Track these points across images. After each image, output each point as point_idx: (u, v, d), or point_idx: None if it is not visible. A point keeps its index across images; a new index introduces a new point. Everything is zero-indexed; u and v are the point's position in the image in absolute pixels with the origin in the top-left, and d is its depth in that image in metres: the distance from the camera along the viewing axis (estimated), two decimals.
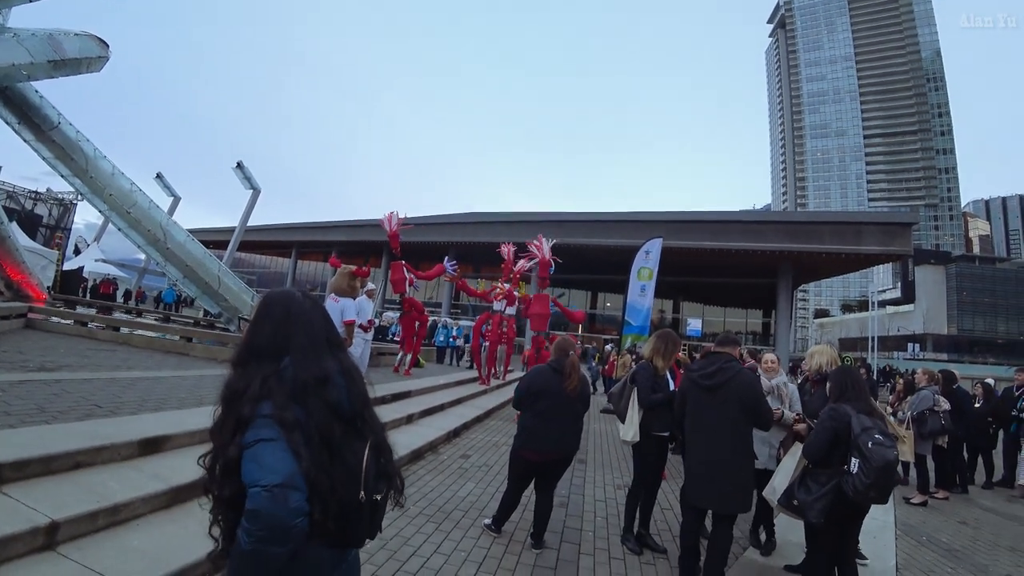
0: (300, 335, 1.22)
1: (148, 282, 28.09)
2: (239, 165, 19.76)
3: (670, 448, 3.94)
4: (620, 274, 13.80)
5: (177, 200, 24.94)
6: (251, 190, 20.54)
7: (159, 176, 24.41)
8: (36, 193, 22.03)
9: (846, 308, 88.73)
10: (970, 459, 7.12)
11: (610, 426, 8.56)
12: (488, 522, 3.58)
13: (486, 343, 10.88)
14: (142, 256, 16.36)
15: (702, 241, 25.12)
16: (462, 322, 21.51)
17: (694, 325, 32.55)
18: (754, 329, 35.75)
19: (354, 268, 6.63)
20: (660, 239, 12.28)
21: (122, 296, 22.82)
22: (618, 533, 3.75)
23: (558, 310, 10.97)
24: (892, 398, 7.43)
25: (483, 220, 33.02)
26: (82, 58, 7.88)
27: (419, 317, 9.90)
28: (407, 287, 9.66)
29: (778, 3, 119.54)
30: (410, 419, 6.23)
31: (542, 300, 10.11)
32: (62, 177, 8.24)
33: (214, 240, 33.10)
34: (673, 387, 3.71)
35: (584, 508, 4.34)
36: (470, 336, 13.29)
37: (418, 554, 3.06)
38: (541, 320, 10.10)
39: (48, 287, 11.86)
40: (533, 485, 3.53)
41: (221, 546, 1.14)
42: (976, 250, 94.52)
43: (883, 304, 63.91)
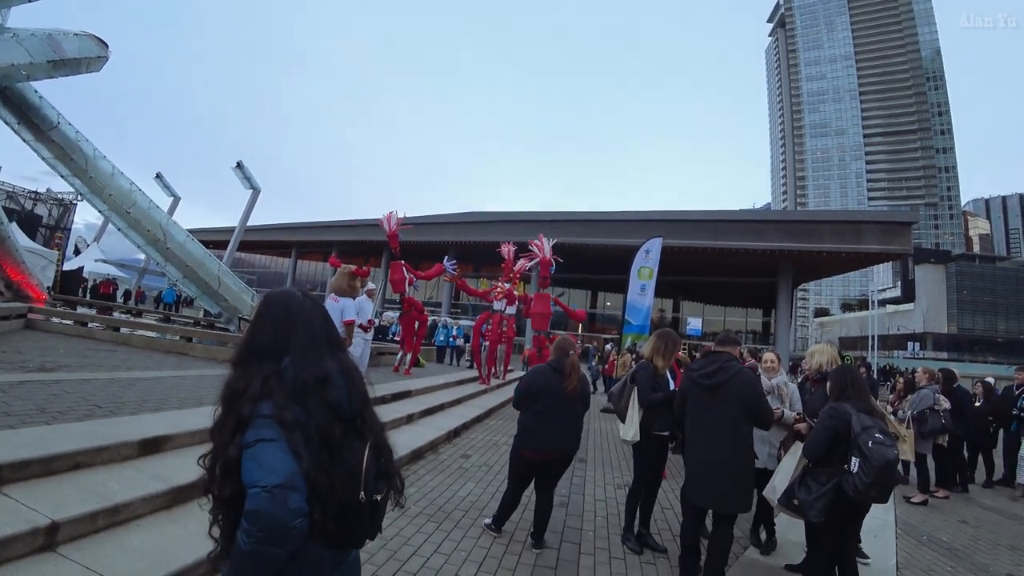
0: (300, 335, 1.22)
1: (148, 282, 28.10)
2: (239, 165, 19.77)
3: (670, 447, 3.94)
4: (620, 273, 13.80)
5: (177, 200, 24.96)
6: (251, 190, 20.55)
7: (159, 176, 24.42)
8: (36, 193, 22.03)
9: (846, 307, 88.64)
10: (970, 458, 7.13)
11: (610, 425, 8.56)
12: (488, 522, 3.58)
13: (486, 343, 10.89)
14: (142, 256, 16.34)
15: (702, 240, 25.12)
16: (462, 322, 21.53)
17: (694, 324, 32.53)
18: (754, 328, 35.77)
19: (354, 268, 6.64)
20: (660, 238, 12.26)
21: (122, 296, 22.83)
22: (618, 532, 3.75)
23: (560, 309, 10.96)
24: (892, 397, 7.43)
25: (483, 220, 33.00)
26: (81, 58, 7.87)
27: (419, 317, 9.90)
28: (407, 287, 9.65)
29: (778, 2, 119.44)
30: (410, 419, 6.22)
31: (543, 299, 10.10)
32: (61, 177, 8.23)
33: (214, 240, 33.11)
34: (673, 386, 3.72)
35: (584, 508, 4.34)
36: (470, 336, 13.30)
37: (418, 554, 3.06)
38: (543, 319, 10.09)
39: (48, 287, 11.85)
40: (533, 485, 3.53)
41: (220, 546, 1.14)
42: (976, 249, 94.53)
43: (883, 303, 63.89)
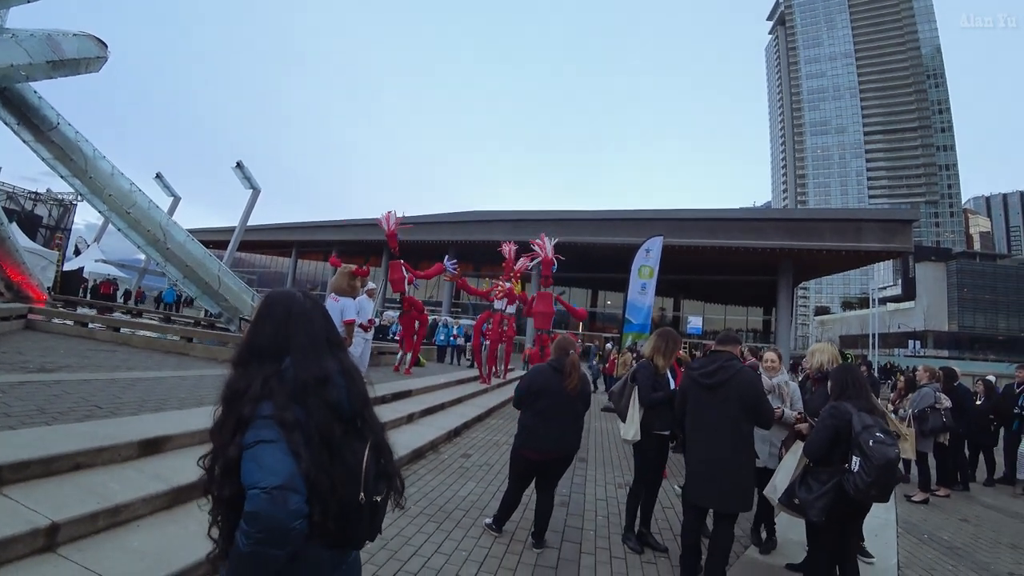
0: (301, 335, 1.22)
1: (148, 282, 28.13)
2: (239, 165, 19.80)
3: (671, 447, 3.94)
4: (621, 272, 13.78)
5: (177, 200, 24.99)
6: (251, 190, 20.58)
7: (159, 176, 24.45)
8: (36, 194, 22.03)
9: (847, 305, 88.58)
10: (971, 456, 7.12)
11: (611, 425, 8.56)
12: (489, 521, 3.58)
13: (487, 342, 10.89)
14: (142, 256, 16.35)
15: (703, 239, 25.11)
16: (462, 321, 21.53)
17: (695, 323, 32.49)
18: (755, 327, 35.76)
19: (354, 268, 6.64)
20: (660, 237, 12.22)
21: (122, 296, 22.85)
22: (619, 532, 3.75)
23: (562, 308, 10.96)
24: (893, 396, 7.42)
25: (483, 219, 32.98)
26: (81, 58, 7.87)
27: (419, 316, 9.89)
28: (406, 286, 9.64)
29: (777, 0, 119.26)
30: (411, 418, 6.22)
31: (546, 298, 10.10)
32: (61, 178, 8.23)
33: (214, 240, 33.13)
34: (674, 386, 3.72)
35: (585, 507, 4.34)
36: (471, 335, 13.30)
37: (419, 554, 3.06)
38: (545, 318, 10.09)
39: (48, 288, 11.86)
40: (534, 484, 3.53)
41: (220, 547, 1.14)
42: (977, 247, 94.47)
43: (884, 301, 63.93)
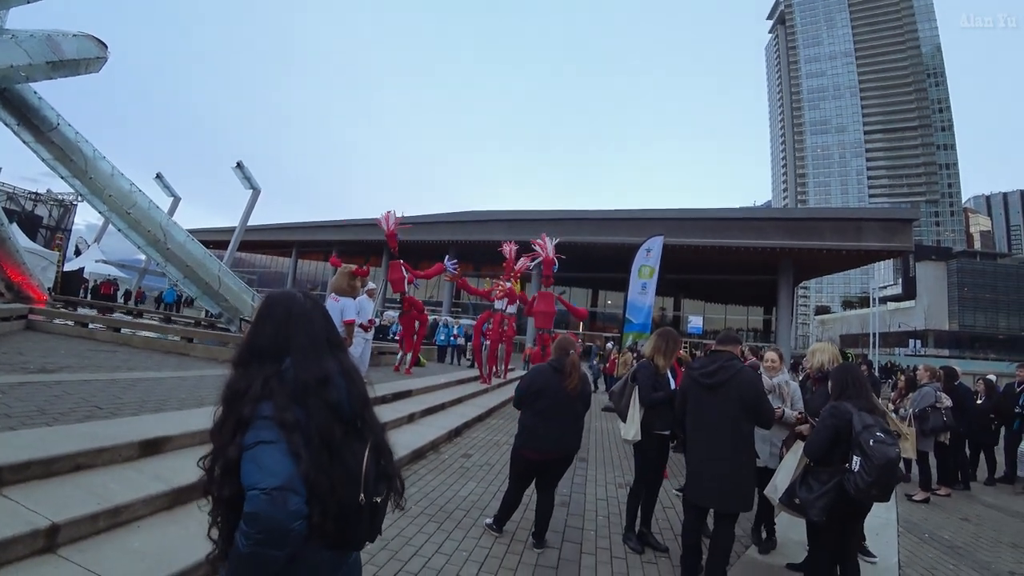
0: (301, 336, 1.22)
1: (148, 282, 28.14)
2: (239, 165, 19.79)
3: (671, 446, 3.93)
4: (621, 271, 13.78)
5: (177, 200, 25.00)
6: (251, 190, 20.58)
7: (159, 176, 24.46)
8: (36, 194, 22.04)
9: (847, 304, 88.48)
10: (972, 455, 7.13)
11: (611, 424, 8.55)
12: (490, 521, 3.58)
13: (487, 342, 10.89)
14: (142, 257, 16.36)
15: (703, 238, 25.10)
16: (463, 321, 21.53)
17: (695, 322, 32.46)
18: (755, 326, 35.75)
19: (354, 268, 6.64)
20: (661, 237, 12.21)
21: (122, 297, 22.87)
22: (620, 532, 3.75)
23: (563, 307, 10.97)
24: (894, 395, 7.42)
25: (483, 219, 32.99)
26: (80, 59, 7.86)
27: (419, 316, 9.89)
28: (406, 286, 9.64)
29: None
30: (411, 418, 6.22)
31: (547, 298, 10.11)
32: (61, 178, 8.24)
33: (214, 240, 33.16)
34: (674, 385, 3.71)
35: (586, 507, 4.34)
36: (471, 335, 13.30)
37: (420, 554, 3.06)
38: (546, 318, 10.09)
39: (49, 288, 11.86)
40: (534, 484, 3.53)
41: (220, 548, 1.14)
42: (977, 246, 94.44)
43: (884, 300, 63.90)
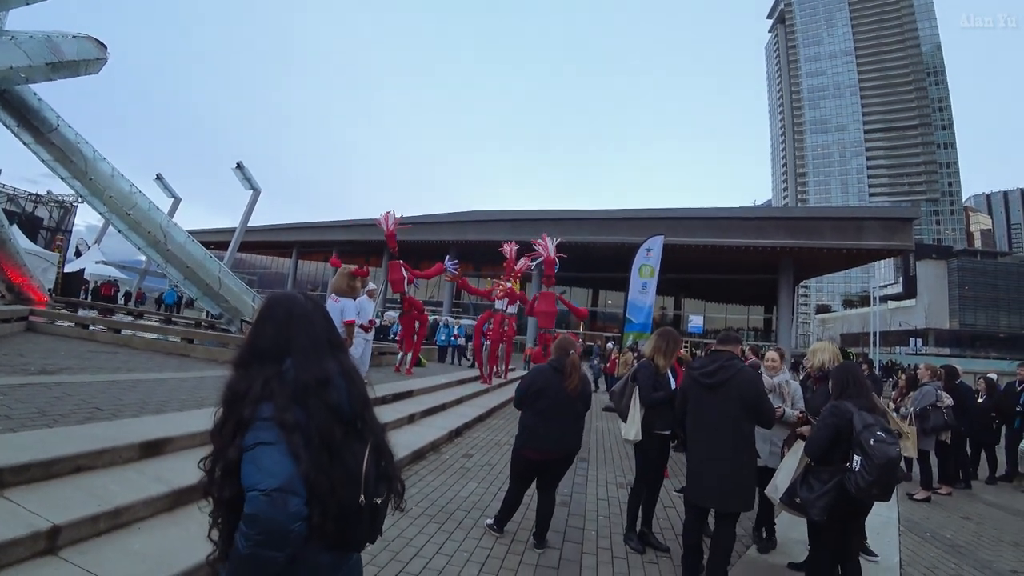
0: (302, 337, 1.22)
1: (149, 284, 28.14)
2: (239, 166, 19.79)
3: (672, 446, 3.93)
4: (621, 271, 13.76)
5: (177, 201, 25.01)
6: (251, 191, 20.57)
7: (159, 177, 24.48)
8: (36, 196, 22.04)
9: (847, 303, 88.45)
10: (973, 454, 7.12)
11: (612, 424, 8.55)
12: (490, 522, 3.58)
13: (487, 342, 10.89)
14: (143, 258, 16.38)
15: (703, 238, 25.09)
16: (463, 321, 21.53)
17: (696, 322, 32.44)
18: (756, 325, 35.74)
19: (354, 268, 6.63)
20: (661, 236, 12.19)
21: (122, 298, 22.87)
22: (621, 532, 3.75)
23: (564, 307, 10.98)
24: (895, 394, 7.41)
25: (483, 219, 32.99)
26: (80, 60, 7.87)
27: (419, 316, 9.90)
28: (406, 286, 9.65)
29: None
30: (412, 419, 6.22)
31: (548, 298, 10.12)
32: (61, 179, 8.25)
33: (215, 241, 33.18)
34: (674, 385, 3.71)
35: (586, 507, 4.34)
36: (471, 335, 13.29)
37: (420, 555, 3.06)
38: (548, 318, 10.10)
39: (49, 290, 11.88)
40: (535, 484, 3.53)
41: (220, 549, 1.14)
42: (977, 244, 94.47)
43: (885, 299, 63.87)
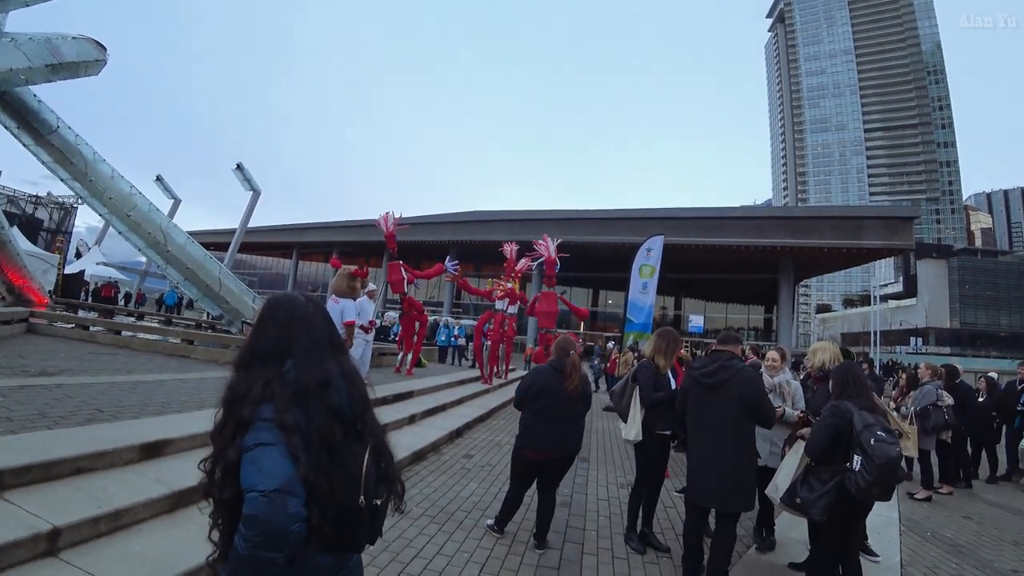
0: (303, 338, 1.22)
1: (149, 285, 28.16)
2: (239, 167, 19.80)
3: (672, 446, 3.93)
4: (622, 271, 13.77)
5: (177, 202, 25.02)
6: (251, 192, 20.57)
7: (159, 178, 24.48)
8: (37, 197, 22.04)
9: (848, 303, 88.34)
10: (974, 454, 7.12)
11: (613, 424, 8.55)
12: (491, 522, 3.58)
13: (488, 342, 10.89)
14: (143, 259, 16.38)
15: (703, 237, 25.11)
16: (464, 321, 21.54)
17: (696, 321, 32.45)
18: (756, 325, 35.73)
19: (354, 269, 6.63)
20: (661, 236, 12.19)
21: (123, 299, 22.89)
22: (621, 532, 3.75)
23: (564, 307, 10.99)
24: (895, 393, 7.40)
25: (484, 219, 33.01)
26: (80, 62, 7.89)
27: (419, 317, 9.89)
28: (405, 286, 9.65)
29: None
30: (412, 419, 6.22)
31: (550, 298, 10.13)
32: (61, 181, 8.26)
33: (215, 242, 33.22)
34: (675, 385, 3.71)
35: (587, 507, 4.34)
36: (472, 335, 13.29)
37: (421, 555, 3.06)
38: (549, 318, 10.11)
39: (50, 291, 11.88)
40: (536, 485, 3.53)
41: (220, 550, 1.14)
42: (978, 243, 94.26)
43: (885, 298, 63.84)
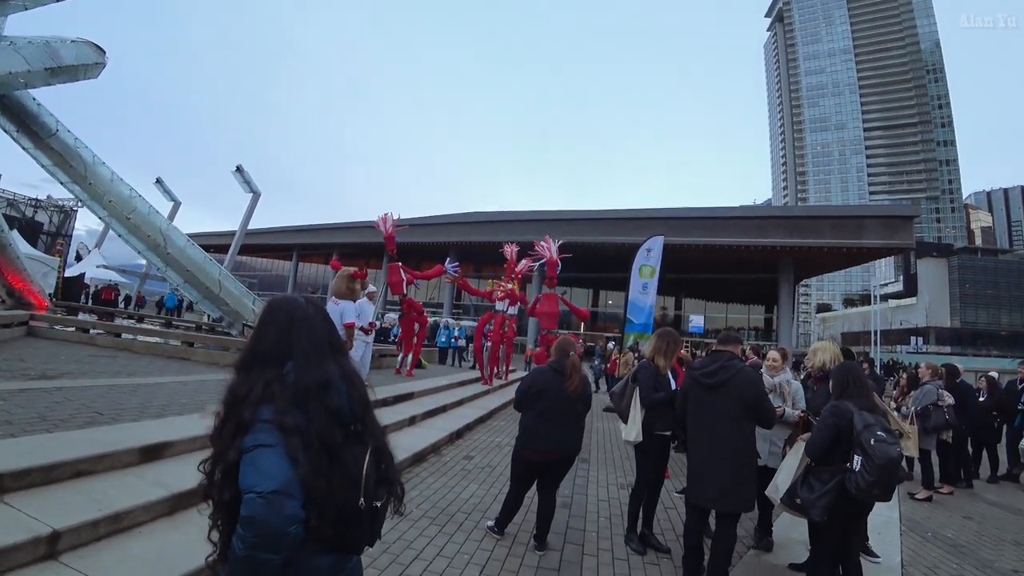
0: (303, 340, 1.23)
1: (149, 287, 28.18)
2: (239, 169, 19.79)
3: (673, 447, 3.93)
4: (622, 271, 13.77)
5: (177, 205, 25.02)
6: (251, 194, 20.57)
7: (159, 181, 24.47)
8: (36, 200, 22.05)
9: (848, 302, 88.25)
10: (974, 453, 7.10)
11: (613, 425, 8.54)
12: (491, 524, 3.58)
13: (488, 343, 10.89)
14: (143, 261, 16.38)
15: (703, 237, 25.12)
16: (464, 322, 21.53)
17: (696, 321, 32.46)
18: (756, 325, 35.74)
19: (353, 270, 6.63)
20: (661, 236, 12.19)
21: (123, 302, 22.89)
22: (621, 533, 3.74)
23: (565, 308, 11.00)
24: (896, 393, 7.40)
25: (484, 220, 33.07)
26: (79, 65, 7.89)
27: (418, 318, 9.90)
28: (405, 287, 9.65)
29: None
30: (412, 421, 6.22)
31: (551, 299, 10.14)
32: (61, 184, 8.26)
33: (215, 244, 33.22)
34: (675, 386, 3.71)
35: (587, 508, 4.34)
36: (472, 336, 13.29)
37: (421, 557, 3.06)
38: (550, 319, 10.12)
39: (50, 294, 11.89)
40: (536, 486, 3.53)
41: (219, 551, 1.14)
42: (978, 242, 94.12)
43: (885, 298, 63.80)
